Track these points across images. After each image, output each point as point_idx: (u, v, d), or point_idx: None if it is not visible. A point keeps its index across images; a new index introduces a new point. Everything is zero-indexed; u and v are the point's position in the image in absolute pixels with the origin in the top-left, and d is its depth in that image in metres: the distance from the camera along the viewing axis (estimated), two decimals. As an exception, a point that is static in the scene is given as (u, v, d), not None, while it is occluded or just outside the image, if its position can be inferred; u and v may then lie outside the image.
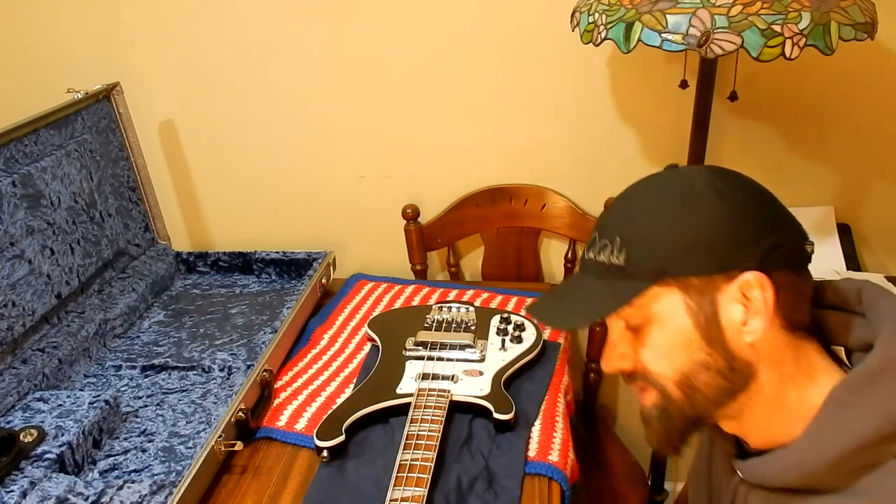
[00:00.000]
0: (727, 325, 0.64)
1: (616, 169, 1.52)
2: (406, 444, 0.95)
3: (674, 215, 0.65)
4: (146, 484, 0.93)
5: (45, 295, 1.22)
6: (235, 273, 1.58)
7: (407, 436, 0.97)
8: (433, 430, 0.98)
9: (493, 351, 1.18)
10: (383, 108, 1.53)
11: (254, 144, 1.61)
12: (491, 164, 1.57)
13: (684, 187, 0.66)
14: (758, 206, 0.65)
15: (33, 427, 1.02)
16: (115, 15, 1.50)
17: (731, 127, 1.45)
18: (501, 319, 1.25)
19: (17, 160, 1.21)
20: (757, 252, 0.63)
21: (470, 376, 1.11)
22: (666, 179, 0.69)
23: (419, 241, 1.60)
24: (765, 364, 0.65)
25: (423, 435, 0.97)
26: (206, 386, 1.21)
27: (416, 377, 1.12)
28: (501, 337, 1.22)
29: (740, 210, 0.64)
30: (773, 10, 0.94)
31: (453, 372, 1.12)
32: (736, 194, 0.65)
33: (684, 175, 0.68)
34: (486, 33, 1.43)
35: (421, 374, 1.12)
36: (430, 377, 1.11)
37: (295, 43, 1.49)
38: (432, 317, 1.28)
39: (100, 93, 1.41)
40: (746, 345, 0.64)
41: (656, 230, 0.65)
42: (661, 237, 0.65)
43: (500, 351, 1.18)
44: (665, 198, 0.67)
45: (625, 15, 1.02)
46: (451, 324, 1.25)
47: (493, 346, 1.19)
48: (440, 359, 1.16)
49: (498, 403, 1.05)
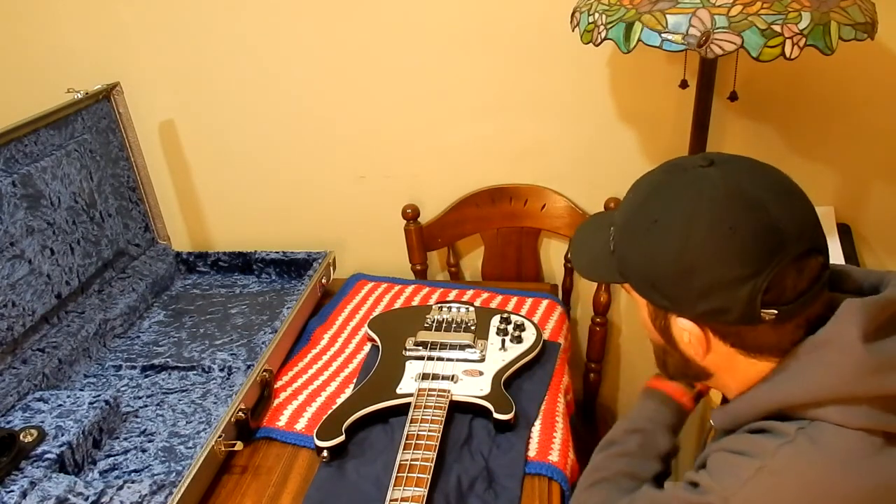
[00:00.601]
0: (678, 339, 0.73)
1: (616, 169, 1.52)
2: (406, 444, 0.95)
3: (646, 237, 0.69)
4: (146, 484, 0.93)
5: (45, 295, 1.22)
6: (235, 273, 1.58)
7: (407, 436, 0.97)
8: (433, 430, 0.98)
9: (493, 351, 1.18)
10: (383, 108, 1.53)
11: (254, 144, 1.61)
12: (491, 164, 1.57)
13: (674, 210, 0.67)
14: (714, 267, 0.64)
15: (33, 427, 1.02)
16: (115, 15, 1.50)
17: (731, 127, 1.45)
18: (501, 319, 1.25)
19: (17, 160, 1.21)
20: (697, 308, 0.67)
21: (470, 376, 1.12)
22: (677, 189, 0.68)
23: (419, 241, 1.60)
24: (721, 372, 0.74)
25: (423, 435, 0.97)
26: (206, 386, 1.21)
27: (416, 377, 1.12)
28: (501, 337, 1.22)
29: (693, 267, 0.65)
30: (773, 10, 0.94)
31: (453, 372, 1.13)
32: (706, 243, 0.64)
33: (696, 187, 0.67)
34: (486, 33, 1.43)
35: (421, 375, 1.12)
36: (431, 377, 1.11)
37: (295, 43, 1.49)
38: (432, 317, 1.28)
39: (100, 93, 1.41)
40: (698, 357, 0.72)
41: (630, 245, 0.72)
42: (630, 254, 0.72)
43: (500, 351, 1.18)
44: (652, 211, 0.69)
45: (625, 15, 1.02)
46: (452, 324, 1.25)
47: (494, 346, 1.20)
48: (440, 359, 1.16)
49: (498, 403, 1.05)
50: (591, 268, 0.79)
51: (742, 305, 0.64)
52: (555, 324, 1.32)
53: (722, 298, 0.65)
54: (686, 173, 0.69)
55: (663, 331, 0.74)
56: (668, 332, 0.73)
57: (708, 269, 0.65)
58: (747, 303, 0.64)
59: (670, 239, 0.66)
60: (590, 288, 1.63)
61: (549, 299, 1.40)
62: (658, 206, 0.69)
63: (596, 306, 1.60)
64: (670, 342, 0.74)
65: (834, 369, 0.64)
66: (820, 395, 0.65)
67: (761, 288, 0.63)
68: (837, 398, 0.64)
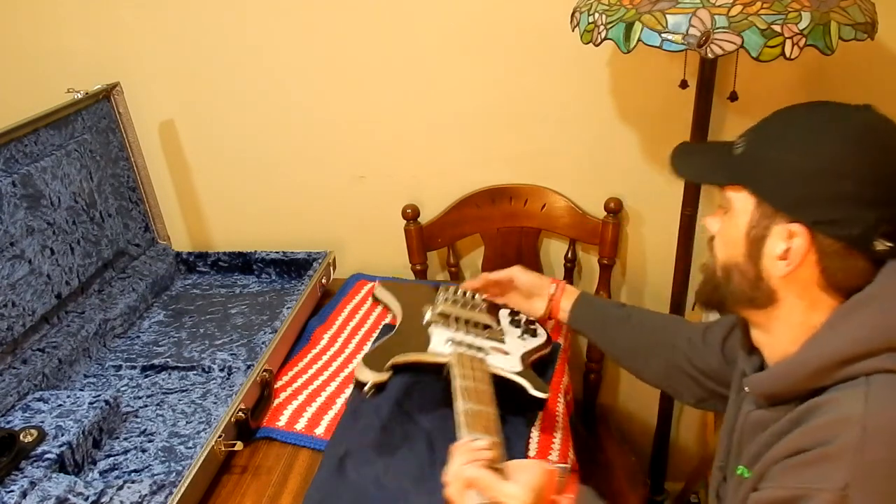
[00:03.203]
0: (767, 252, 0.73)
1: (616, 169, 1.52)
2: (462, 397, 0.90)
3: (786, 140, 0.72)
4: (146, 484, 0.93)
5: (45, 295, 1.22)
6: (235, 273, 1.58)
7: (462, 389, 0.92)
8: (483, 387, 0.93)
9: (512, 337, 1.16)
10: (383, 108, 1.53)
11: (254, 144, 1.61)
12: (491, 164, 1.57)
13: (822, 121, 0.71)
14: (860, 179, 0.67)
15: (33, 427, 1.02)
16: (115, 15, 1.50)
17: (731, 127, 1.45)
18: (511, 313, 1.23)
19: (17, 160, 1.21)
20: (818, 215, 0.68)
21: (499, 353, 1.08)
22: (835, 107, 0.73)
23: (419, 241, 1.60)
24: (789, 299, 0.73)
25: (474, 389, 0.92)
26: (206, 386, 1.21)
27: (447, 343, 1.08)
28: (516, 327, 1.20)
29: (838, 171, 0.68)
30: (773, 10, 0.94)
31: (481, 345, 1.09)
32: (857, 155, 0.68)
33: (857, 109, 0.72)
34: (486, 33, 1.43)
35: (452, 340, 1.08)
36: (464, 345, 1.07)
37: (295, 43, 1.49)
38: (446, 295, 1.21)
39: (100, 93, 1.41)
40: (776, 275, 0.72)
41: (772, 143, 0.73)
42: (768, 152, 0.73)
43: (519, 339, 1.16)
44: (800, 119, 0.73)
45: (625, 15, 1.02)
46: (466, 305, 1.21)
47: (511, 333, 1.17)
48: (466, 332, 1.12)
49: (534, 381, 1.02)
50: (700, 172, 0.83)
51: (864, 226, 0.67)
52: (554, 324, 1.32)
53: (852, 211, 0.67)
54: (841, 105, 0.73)
55: (754, 241, 0.73)
56: (760, 243, 0.73)
57: (857, 179, 0.67)
58: (872, 226, 0.67)
59: (827, 140, 0.69)
60: (590, 288, 1.63)
61: (549, 299, 1.39)
62: (820, 113, 0.73)
63: (596, 306, 1.60)
64: (753, 255, 0.74)
65: (890, 318, 0.67)
66: (874, 344, 0.67)
67: (887, 218, 0.67)
68: (893, 346, 0.66)
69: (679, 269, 1.43)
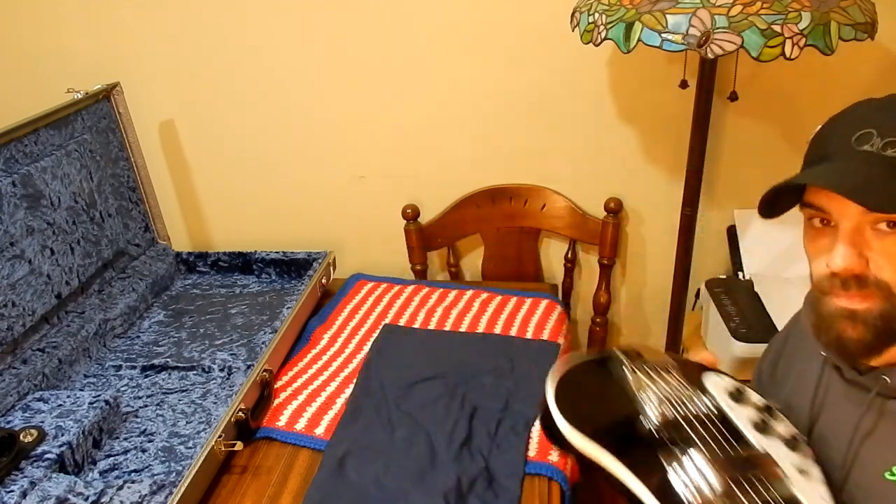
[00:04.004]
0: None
1: (616, 169, 1.52)
2: None
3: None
4: (146, 484, 0.93)
5: (45, 295, 1.22)
6: (235, 273, 1.58)
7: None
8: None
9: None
10: (383, 108, 1.53)
11: (254, 144, 1.61)
12: (491, 164, 1.57)
13: None
14: None
15: (33, 427, 1.02)
16: (115, 15, 1.50)
17: (731, 127, 1.45)
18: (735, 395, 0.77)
19: (17, 160, 1.21)
20: None
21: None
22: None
23: (419, 241, 1.60)
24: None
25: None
26: (206, 386, 1.21)
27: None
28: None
29: None
30: (773, 10, 0.94)
31: None
32: None
33: None
34: (486, 33, 1.43)
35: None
36: None
37: (295, 43, 1.49)
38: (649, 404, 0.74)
39: (100, 93, 1.41)
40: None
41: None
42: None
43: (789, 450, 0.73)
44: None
45: (625, 15, 1.02)
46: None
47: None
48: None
49: None
50: (874, 194, 0.64)
51: None
52: (554, 324, 1.32)
53: None
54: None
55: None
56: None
57: None
58: None
59: None
60: (590, 288, 1.63)
61: (548, 299, 1.40)
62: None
63: (596, 306, 1.60)
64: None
65: None
66: None
67: None
68: None
69: (679, 269, 1.43)
